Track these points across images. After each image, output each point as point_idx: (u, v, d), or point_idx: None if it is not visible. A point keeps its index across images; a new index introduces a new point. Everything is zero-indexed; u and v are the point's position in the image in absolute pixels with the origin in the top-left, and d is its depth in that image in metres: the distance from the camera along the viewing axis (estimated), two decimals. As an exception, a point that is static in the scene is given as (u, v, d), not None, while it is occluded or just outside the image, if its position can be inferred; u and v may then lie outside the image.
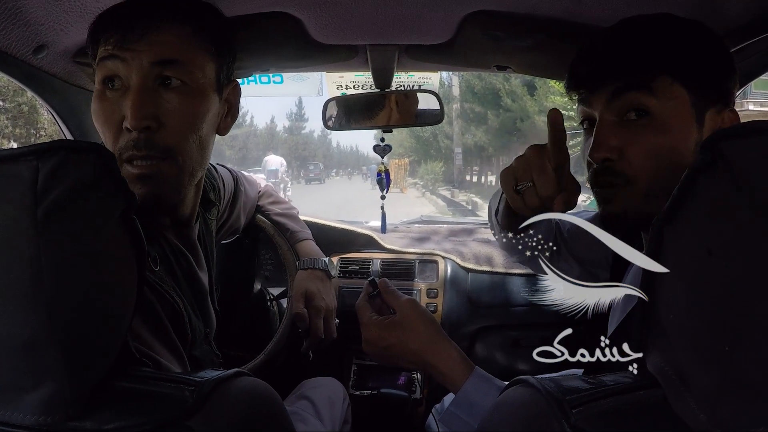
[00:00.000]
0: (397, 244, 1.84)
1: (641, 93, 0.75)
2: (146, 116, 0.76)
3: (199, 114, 0.83)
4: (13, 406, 0.50)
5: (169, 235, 0.90)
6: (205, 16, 0.85)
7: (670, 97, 0.75)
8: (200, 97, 0.83)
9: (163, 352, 0.76)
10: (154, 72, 0.78)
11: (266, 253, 1.70)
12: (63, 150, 0.49)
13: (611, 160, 0.77)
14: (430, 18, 0.97)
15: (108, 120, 0.79)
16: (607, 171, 0.78)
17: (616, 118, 0.78)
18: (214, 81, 0.85)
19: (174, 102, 0.79)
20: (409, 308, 0.89)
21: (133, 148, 0.77)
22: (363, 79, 1.90)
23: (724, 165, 0.41)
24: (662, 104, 0.75)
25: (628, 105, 0.76)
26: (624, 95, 0.76)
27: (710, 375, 0.42)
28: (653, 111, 0.75)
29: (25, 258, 0.46)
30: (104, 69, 0.79)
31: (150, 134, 0.78)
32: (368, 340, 0.90)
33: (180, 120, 0.80)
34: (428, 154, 28.03)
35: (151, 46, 0.77)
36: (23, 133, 15.22)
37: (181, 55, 0.80)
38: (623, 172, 0.77)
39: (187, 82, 0.81)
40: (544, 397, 0.48)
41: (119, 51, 0.77)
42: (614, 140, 0.77)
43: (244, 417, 0.55)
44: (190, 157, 0.83)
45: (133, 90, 0.77)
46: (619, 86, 0.76)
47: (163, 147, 0.79)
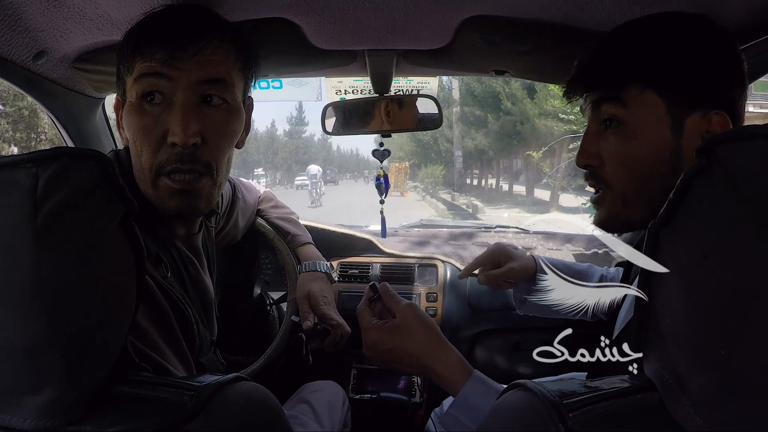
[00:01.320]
0: (396, 248, 1.84)
1: (611, 104, 0.78)
2: (194, 133, 0.78)
3: (235, 131, 0.86)
4: (13, 410, 0.50)
5: (179, 243, 0.91)
6: (243, 36, 0.87)
7: (641, 105, 0.77)
8: (236, 115, 0.86)
9: (173, 359, 0.76)
10: (199, 90, 0.80)
11: (266, 257, 1.70)
12: (62, 157, 0.49)
13: (593, 167, 0.82)
14: (428, 23, 0.97)
15: (148, 134, 0.79)
16: (592, 176, 0.83)
17: (600, 127, 0.81)
18: (242, 98, 0.88)
19: (216, 119, 0.82)
20: (408, 312, 0.90)
21: (177, 162, 0.79)
22: (362, 84, 1.91)
23: (719, 169, 0.41)
24: (632, 113, 0.77)
25: (604, 115, 0.80)
26: (600, 106, 0.80)
27: (707, 378, 0.42)
28: (624, 120, 0.78)
29: (24, 264, 0.46)
30: (145, 84, 0.79)
31: (194, 150, 0.79)
32: (368, 344, 0.90)
33: (220, 136, 0.83)
34: (428, 157, 28.00)
35: (201, 66, 0.79)
36: (24, 138, 15.23)
37: (226, 74, 0.82)
38: (603, 178, 0.81)
39: (228, 101, 0.83)
40: (541, 401, 0.48)
41: (166, 68, 0.78)
42: (594, 148, 0.81)
43: (243, 422, 0.56)
44: (223, 171, 0.86)
45: (181, 107, 0.78)
46: (596, 97, 0.81)
47: (205, 162, 0.81)
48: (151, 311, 0.75)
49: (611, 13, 0.88)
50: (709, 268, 0.41)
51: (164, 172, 0.79)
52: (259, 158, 62.25)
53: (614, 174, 0.80)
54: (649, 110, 0.76)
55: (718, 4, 0.82)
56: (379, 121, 1.37)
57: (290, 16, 0.94)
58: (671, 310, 0.45)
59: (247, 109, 0.93)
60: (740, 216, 0.39)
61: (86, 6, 0.84)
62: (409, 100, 1.41)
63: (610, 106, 0.79)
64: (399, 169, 27.24)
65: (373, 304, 0.96)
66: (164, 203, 0.81)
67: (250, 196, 1.45)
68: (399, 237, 1.96)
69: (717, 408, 0.41)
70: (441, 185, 25.66)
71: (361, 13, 0.92)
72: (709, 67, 0.76)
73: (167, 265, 0.85)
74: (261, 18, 0.94)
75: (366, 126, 1.39)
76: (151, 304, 0.76)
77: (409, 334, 0.88)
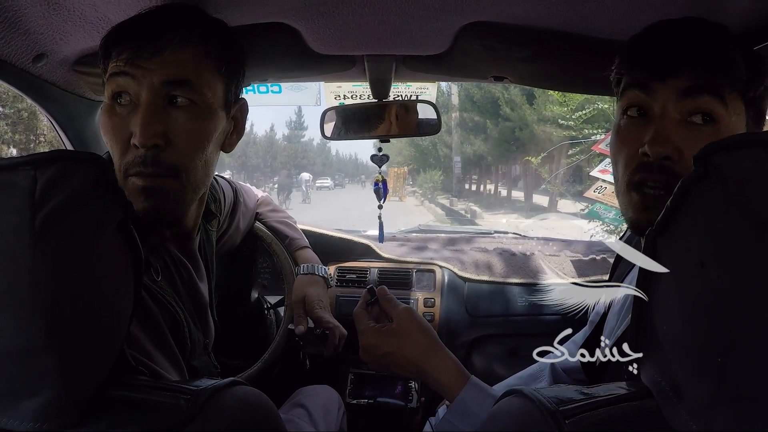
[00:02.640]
0: (394, 252, 1.84)
1: (715, 98, 0.71)
2: (155, 134, 0.77)
3: (206, 133, 0.83)
4: (9, 413, 0.50)
5: (171, 247, 0.91)
6: (218, 35, 0.85)
7: (736, 110, 0.72)
8: (208, 117, 0.83)
9: (163, 362, 0.76)
10: (164, 91, 0.78)
11: (263, 261, 1.70)
12: (61, 160, 0.49)
13: (671, 159, 0.72)
14: (427, 29, 0.97)
15: (116, 135, 0.79)
16: (664, 170, 0.73)
17: (680, 117, 0.74)
18: (222, 100, 0.86)
19: (182, 121, 0.80)
20: (406, 317, 0.89)
21: (140, 165, 0.77)
22: (361, 90, 1.91)
23: (716, 177, 0.41)
24: (729, 115, 0.72)
25: (698, 107, 0.72)
26: (697, 96, 0.72)
27: (703, 386, 0.42)
28: (721, 119, 0.72)
29: (22, 267, 0.46)
30: (113, 84, 0.79)
31: (157, 152, 0.78)
32: (365, 348, 0.90)
33: (187, 139, 0.80)
34: (427, 162, 28.02)
35: (164, 66, 0.78)
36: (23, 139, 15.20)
37: (193, 75, 0.80)
38: (680, 174, 0.69)
39: (196, 102, 0.81)
40: (537, 407, 0.48)
41: (130, 68, 0.77)
42: (677, 139, 0.72)
43: (239, 425, 0.56)
44: (195, 174, 0.83)
45: (143, 107, 0.77)
46: (693, 85, 0.72)
47: (170, 165, 0.79)
48: (140, 314, 0.75)
49: (611, 20, 0.88)
50: (705, 275, 0.41)
51: (130, 174, 0.78)
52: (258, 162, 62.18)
53: None
54: (740, 118, 0.72)
55: (715, 13, 0.82)
56: (377, 126, 1.37)
57: (290, 21, 0.94)
58: (668, 317, 0.45)
59: (238, 112, 0.91)
60: (737, 224, 0.39)
61: (86, 9, 0.84)
62: (408, 106, 1.41)
63: (714, 101, 0.71)
64: (398, 174, 27.25)
65: (371, 307, 0.96)
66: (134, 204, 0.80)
67: (249, 199, 1.45)
68: (397, 242, 1.97)
69: (713, 415, 0.41)
70: (439, 190, 25.69)
71: (360, 19, 0.92)
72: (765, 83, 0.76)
73: (157, 269, 0.84)
74: (261, 23, 0.94)
75: (365, 131, 1.40)
76: (140, 307, 0.75)
77: (406, 338, 0.87)
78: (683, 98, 0.73)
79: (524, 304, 1.67)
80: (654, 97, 0.75)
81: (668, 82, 0.73)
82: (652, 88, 0.75)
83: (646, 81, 0.76)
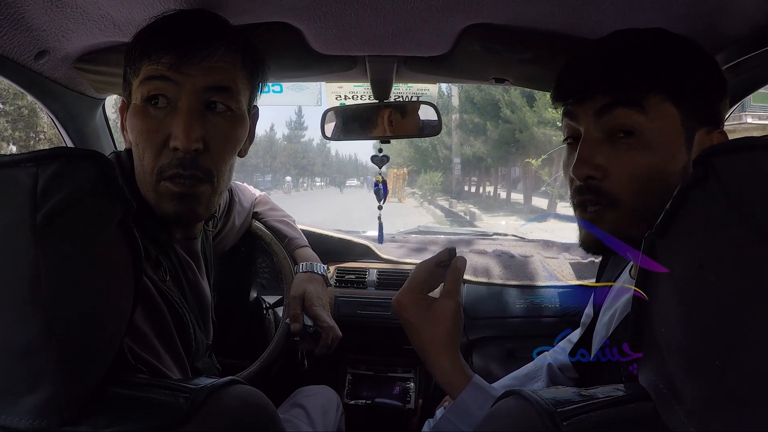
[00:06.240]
0: (393, 254, 1.84)
1: (632, 110, 0.72)
2: (197, 139, 0.78)
3: (238, 139, 0.86)
4: (8, 410, 0.50)
5: (178, 248, 0.91)
6: (250, 45, 0.87)
7: (660, 116, 0.72)
8: (240, 123, 0.85)
9: (169, 362, 0.76)
10: (204, 96, 0.80)
11: (262, 261, 1.70)
12: (62, 157, 0.49)
13: (595, 179, 0.74)
14: (429, 30, 0.98)
15: (150, 137, 0.80)
16: (591, 189, 0.75)
17: (603, 135, 0.75)
18: (247, 107, 0.88)
19: (220, 126, 0.82)
20: (450, 308, 0.85)
21: (178, 167, 0.79)
22: (362, 90, 1.91)
23: (715, 180, 0.41)
24: (651, 123, 0.72)
25: (617, 122, 0.73)
26: (613, 111, 0.73)
27: (701, 389, 0.42)
28: (642, 130, 0.72)
29: (23, 263, 0.46)
30: (150, 86, 0.79)
31: (197, 155, 0.79)
32: (401, 302, 0.86)
33: (223, 144, 0.83)
34: (427, 164, 28.04)
35: (208, 72, 0.79)
36: (23, 137, 15.22)
37: (232, 83, 0.82)
38: (609, 192, 0.74)
39: (233, 108, 0.83)
40: (535, 408, 0.48)
41: (172, 73, 0.78)
42: (599, 158, 0.74)
43: (237, 424, 0.56)
44: (224, 178, 0.86)
45: (184, 112, 0.78)
46: (608, 101, 0.73)
47: (206, 169, 0.81)
48: (149, 314, 0.75)
49: (613, 23, 0.88)
50: (704, 278, 0.41)
51: (165, 177, 0.79)
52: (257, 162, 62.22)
53: (623, 188, 0.72)
54: (667, 121, 0.72)
55: (718, 15, 0.82)
56: (378, 127, 1.38)
57: (291, 21, 0.94)
58: (666, 319, 0.45)
59: (252, 119, 0.93)
60: (736, 227, 0.39)
61: (89, 6, 0.84)
62: (408, 107, 1.41)
63: (629, 113, 0.72)
64: (397, 175, 27.28)
65: (437, 268, 0.90)
66: (164, 207, 0.81)
67: (245, 199, 1.45)
68: (396, 243, 1.96)
69: (711, 418, 0.41)
70: (439, 192, 25.72)
71: (362, 19, 0.92)
72: (718, 84, 0.76)
73: (166, 269, 0.85)
74: (262, 22, 0.94)
75: (365, 132, 1.40)
76: (150, 308, 0.76)
77: (433, 324, 0.84)
78: (600, 117, 0.74)
79: (522, 307, 1.66)
80: (577, 121, 0.78)
81: (585, 105, 0.76)
82: (575, 113, 0.78)
83: (570, 108, 0.79)
